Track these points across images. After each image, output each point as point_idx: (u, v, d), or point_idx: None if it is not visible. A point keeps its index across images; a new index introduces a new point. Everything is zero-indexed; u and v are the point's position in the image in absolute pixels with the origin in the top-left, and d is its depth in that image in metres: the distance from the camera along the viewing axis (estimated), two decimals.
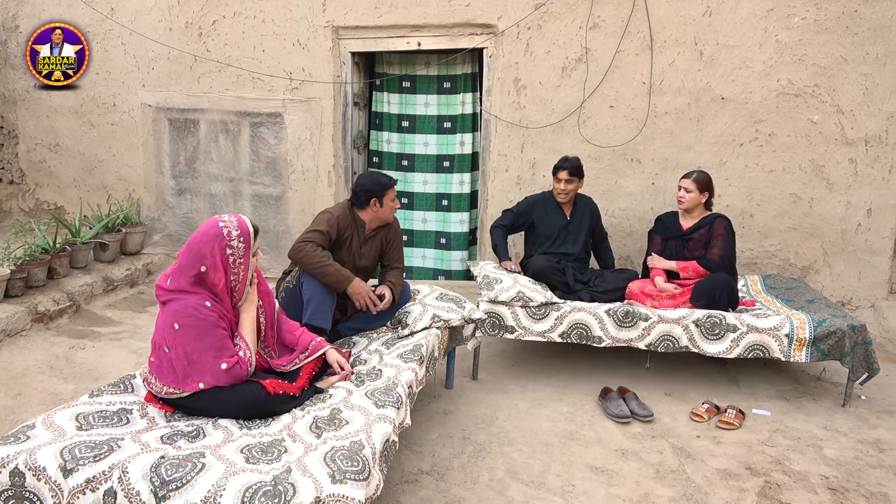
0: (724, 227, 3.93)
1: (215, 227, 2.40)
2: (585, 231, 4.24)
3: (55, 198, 6.10)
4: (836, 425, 3.33)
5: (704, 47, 4.74)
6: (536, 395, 3.64)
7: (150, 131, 5.73)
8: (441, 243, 5.85)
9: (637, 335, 3.61)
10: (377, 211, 3.39)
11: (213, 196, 5.72)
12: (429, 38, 5.20)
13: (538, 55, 4.99)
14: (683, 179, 3.98)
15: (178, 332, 2.34)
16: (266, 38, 5.37)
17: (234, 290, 2.46)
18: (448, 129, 5.66)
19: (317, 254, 3.13)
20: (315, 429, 2.21)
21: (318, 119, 5.38)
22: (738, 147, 4.81)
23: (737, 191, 4.86)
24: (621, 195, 5.05)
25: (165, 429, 2.24)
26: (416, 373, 2.75)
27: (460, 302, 3.46)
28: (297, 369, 2.67)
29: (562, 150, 5.02)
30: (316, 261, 3.12)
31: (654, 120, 4.89)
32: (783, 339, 3.44)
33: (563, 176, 4.11)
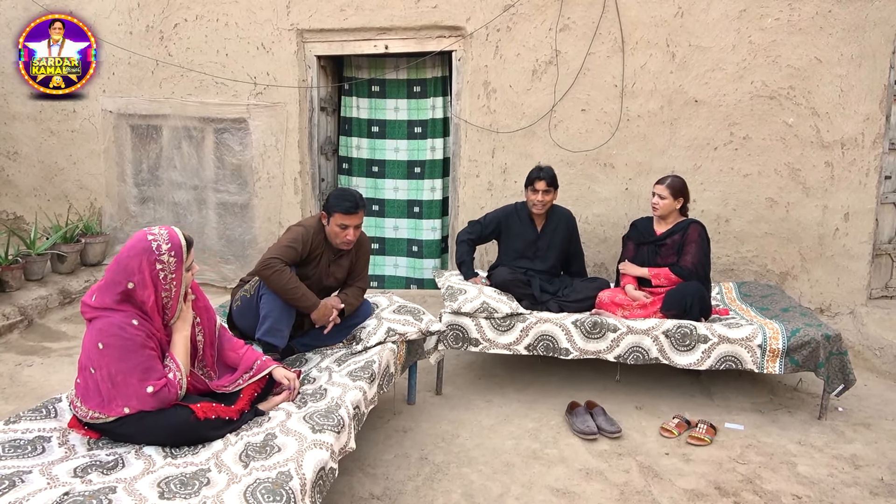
0: (699, 234, 3.80)
1: (143, 241, 2.24)
2: (557, 247, 4.03)
3: (14, 207, 5.90)
4: (811, 439, 3.20)
5: (677, 49, 4.62)
6: (502, 410, 3.49)
7: (111, 138, 5.55)
8: (413, 251, 5.70)
9: (605, 347, 3.47)
10: (326, 228, 3.15)
11: (177, 205, 5.54)
12: (396, 41, 5.06)
13: (508, 58, 4.86)
14: (657, 185, 3.85)
15: (103, 353, 2.17)
16: (229, 41, 5.21)
17: (165, 307, 2.29)
18: (419, 134, 5.52)
19: (285, 274, 2.95)
20: (245, 457, 2.05)
21: (283, 125, 5.22)
22: (712, 151, 4.69)
23: (712, 195, 4.74)
24: (594, 201, 4.92)
25: (83, 459, 2.07)
26: (364, 392, 2.59)
27: (418, 314, 3.31)
28: (237, 391, 2.51)
29: (533, 154, 4.90)
30: (284, 282, 2.94)
31: (627, 123, 4.77)
32: (756, 349, 3.31)
33: (540, 186, 3.89)
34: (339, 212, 3.06)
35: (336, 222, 3.08)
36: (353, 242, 3.14)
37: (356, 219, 3.10)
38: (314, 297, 3.03)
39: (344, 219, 3.07)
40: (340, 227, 3.08)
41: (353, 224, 3.09)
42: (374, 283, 5.79)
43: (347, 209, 3.06)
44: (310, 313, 3.02)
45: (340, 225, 3.07)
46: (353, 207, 3.07)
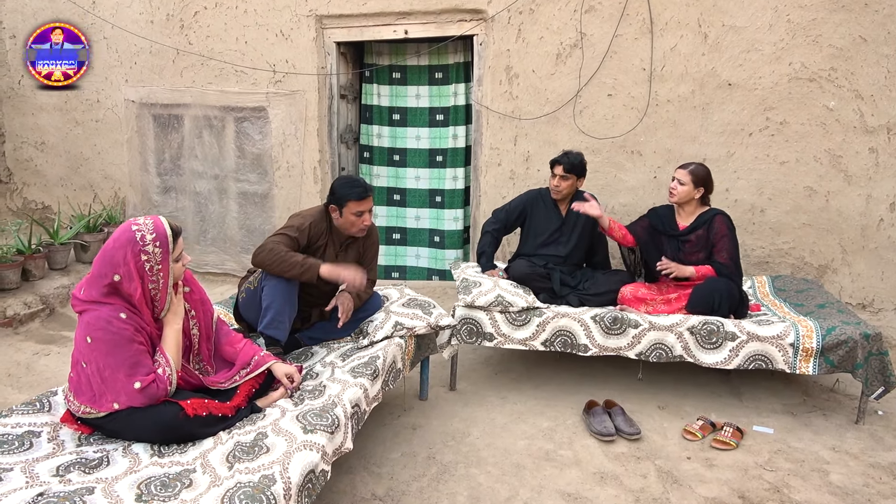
0: (727, 226, 3.58)
1: (128, 232, 2.16)
2: (579, 233, 3.88)
3: (42, 197, 5.97)
4: (846, 446, 2.99)
5: (709, 29, 4.38)
6: (516, 408, 3.36)
7: (134, 128, 5.56)
8: (435, 241, 5.58)
9: (626, 343, 3.30)
10: (337, 220, 3.04)
11: (198, 194, 5.52)
12: (416, 25, 4.92)
13: (531, 41, 4.68)
14: (679, 170, 3.64)
15: (91, 347, 2.12)
16: (248, 28, 5.15)
17: (154, 299, 2.22)
18: (441, 121, 5.39)
19: (278, 249, 2.80)
20: (232, 458, 1.97)
21: (302, 113, 5.14)
22: (746, 137, 4.45)
23: (746, 184, 4.50)
24: (621, 190, 4.72)
25: (69, 456, 2.02)
26: (365, 389, 2.49)
27: (428, 308, 3.18)
28: (234, 387, 2.44)
29: (557, 142, 4.72)
30: (279, 256, 2.77)
31: (656, 109, 4.55)
32: (787, 348, 3.11)
33: (557, 171, 3.78)
34: (353, 199, 2.96)
35: (350, 211, 2.98)
36: (369, 226, 3.07)
37: (369, 202, 3.02)
38: (313, 259, 2.82)
39: (358, 205, 2.98)
40: (356, 215, 2.99)
41: (367, 209, 3.01)
42: (396, 274, 5.70)
43: (360, 195, 2.97)
44: (320, 274, 2.80)
45: (356, 213, 2.98)
46: (364, 192, 2.99)
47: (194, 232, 5.56)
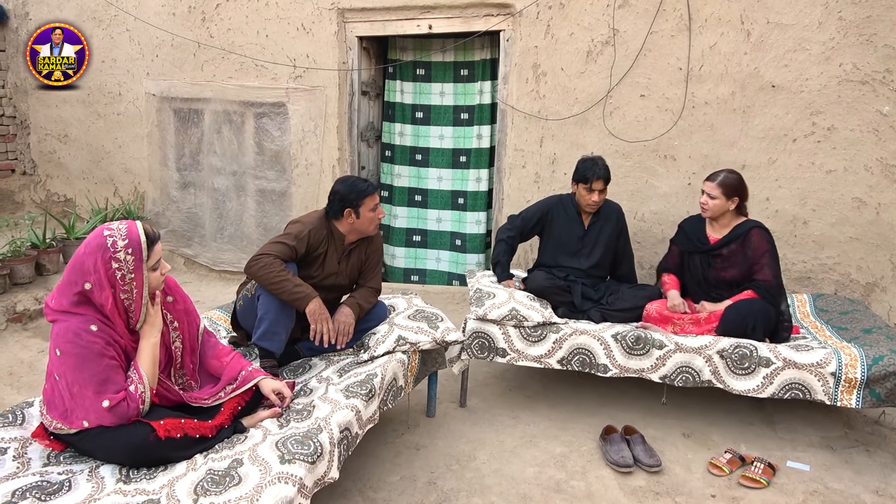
0: (766, 241, 3.29)
1: (99, 237, 2.02)
2: (605, 244, 3.64)
3: (65, 189, 5.95)
4: (891, 489, 2.70)
5: (752, 26, 4.08)
6: (529, 430, 3.14)
7: (154, 122, 5.48)
8: (456, 245, 5.38)
9: (650, 365, 3.06)
10: (353, 223, 2.92)
11: (216, 190, 5.42)
12: (441, 20, 4.72)
13: (560, 38, 4.44)
14: (706, 182, 3.37)
15: (60, 360, 1.98)
16: (270, 22, 5.01)
17: (129, 310, 2.07)
18: (465, 120, 5.18)
19: (274, 266, 2.69)
20: (200, 489, 1.80)
21: (322, 109, 4.99)
22: (790, 143, 4.13)
23: (788, 193, 4.19)
24: (652, 196, 4.45)
25: (31, 478, 1.88)
26: (357, 412, 2.30)
27: (434, 321, 2.98)
28: (218, 404, 2.28)
29: (586, 144, 4.48)
30: (273, 274, 2.67)
31: (692, 111, 4.27)
32: (828, 377, 2.82)
33: (597, 186, 3.49)
34: (369, 195, 2.92)
35: (368, 208, 2.93)
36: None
37: (378, 194, 3.00)
38: (307, 289, 2.71)
39: (374, 199, 2.94)
40: (372, 210, 2.94)
41: (378, 201, 2.99)
42: (415, 278, 5.52)
43: (373, 189, 2.96)
44: (304, 308, 2.71)
45: (373, 208, 2.94)
46: (374, 185, 2.99)
47: (211, 229, 5.47)
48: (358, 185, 2.92)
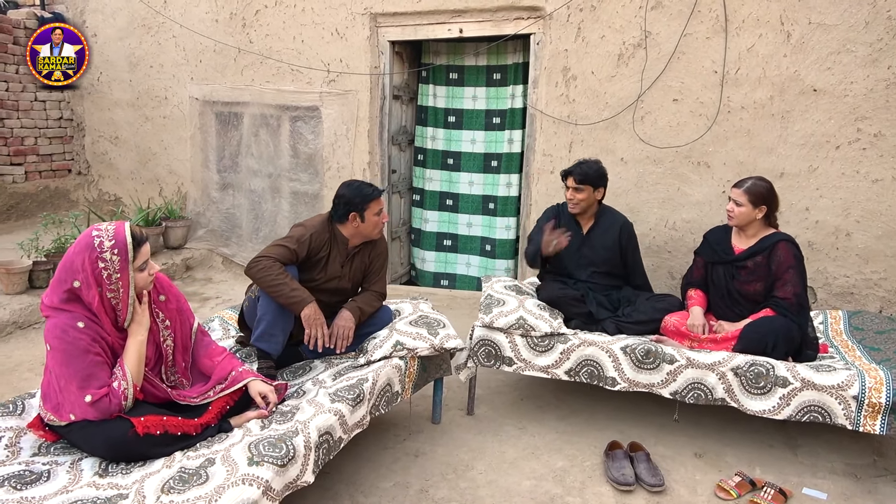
0: (794, 256, 3.11)
1: (88, 237, 2.08)
2: (602, 256, 3.50)
3: (115, 189, 6.22)
4: None
5: (793, 27, 3.88)
6: (533, 441, 3.07)
7: (197, 125, 5.66)
8: (486, 250, 5.33)
9: (660, 380, 2.93)
10: (358, 227, 2.93)
11: (253, 192, 5.55)
12: (471, 23, 4.69)
13: (591, 41, 4.34)
14: (734, 189, 3.22)
15: (50, 355, 2.06)
16: (305, 27, 5.10)
17: (116, 309, 2.13)
18: (497, 125, 5.13)
19: (273, 269, 2.71)
20: (167, 487, 1.83)
21: (354, 113, 5.04)
22: (833, 150, 3.91)
23: (830, 203, 3.96)
24: (685, 205, 4.29)
25: (17, 467, 1.96)
26: (341, 416, 2.30)
27: (434, 327, 2.95)
28: (206, 403, 2.32)
29: (615, 150, 4.36)
30: (271, 277, 2.70)
31: (727, 116, 4.09)
32: (850, 401, 2.64)
33: (569, 182, 3.44)
34: (373, 199, 2.93)
35: (373, 212, 2.94)
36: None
37: (382, 199, 3.01)
38: (303, 293, 2.71)
39: (378, 203, 2.96)
40: (377, 214, 2.96)
41: (383, 206, 3.01)
42: (445, 282, 5.51)
43: (378, 193, 2.97)
44: (297, 313, 2.72)
45: (378, 212, 2.96)
46: (379, 189, 3.00)
47: (248, 229, 5.60)
48: (363, 190, 2.92)
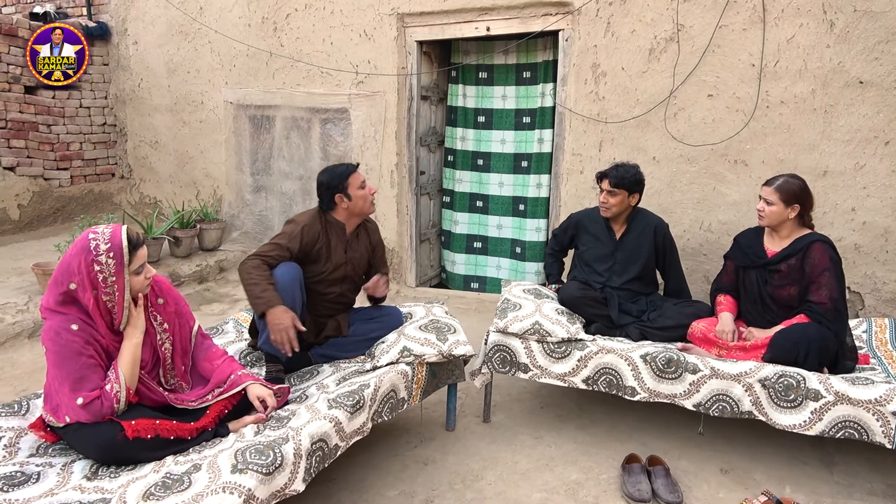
0: (830, 258, 2.90)
1: (84, 240, 2.09)
2: (637, 261, 3.36)
3: (155, 192, 6.36)
4: None
5: (836, 16, 3.65)
6: (548, 452, 2.95)
7: (231, 128, 5.74)
8: (516, 253, 5.22)
9: (682, 391, 2.78)
10: (348, 207, 2.90)
11: (284, 194, 5.59)
12: (498, 21, 4.60)
13: (621, 36, 4.18)
14: (764, 187, 3.03)
15: (47, 357, 2.07)
16: (334, 29, 5.10)
17: (111, 312, 2.13)
18: (527, 124, 5.02)
19: (255, 269, 2.67)
20: (147, 494, 1.80)
21: (382, 115, 5.01)
22: (881, 146, 3.66)
23: (879, 203, 3.70)
24: (721, 205, 4.09)
25: (11, 467, 1.97)
26: (338, 423, 2.24)
27: (444, 333, 2.86)
28: (204, 407, 2.30)
29: (647, 148, 4.20)
30: (250, 276, 2.65)
31: (766, 111, 3.88)
32: (889, 417, 2.43)
33: (604, 185, 3.33)
34: (351, 174, 2.89)
35: (356, 187, 2.90)
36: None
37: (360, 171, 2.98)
38: (271, 296, 2.59)
39: (357, 177, 2.91)
40: (361, 188, 2.91)
41: (363, 178, 2.96)
42: (475, 285, 5.41)
43: (354, 168, 2.94)
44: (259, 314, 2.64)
45: (360, 185, 2.91)
46: (353, 166, 2.95)
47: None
48: (337, 169, 2.91)
